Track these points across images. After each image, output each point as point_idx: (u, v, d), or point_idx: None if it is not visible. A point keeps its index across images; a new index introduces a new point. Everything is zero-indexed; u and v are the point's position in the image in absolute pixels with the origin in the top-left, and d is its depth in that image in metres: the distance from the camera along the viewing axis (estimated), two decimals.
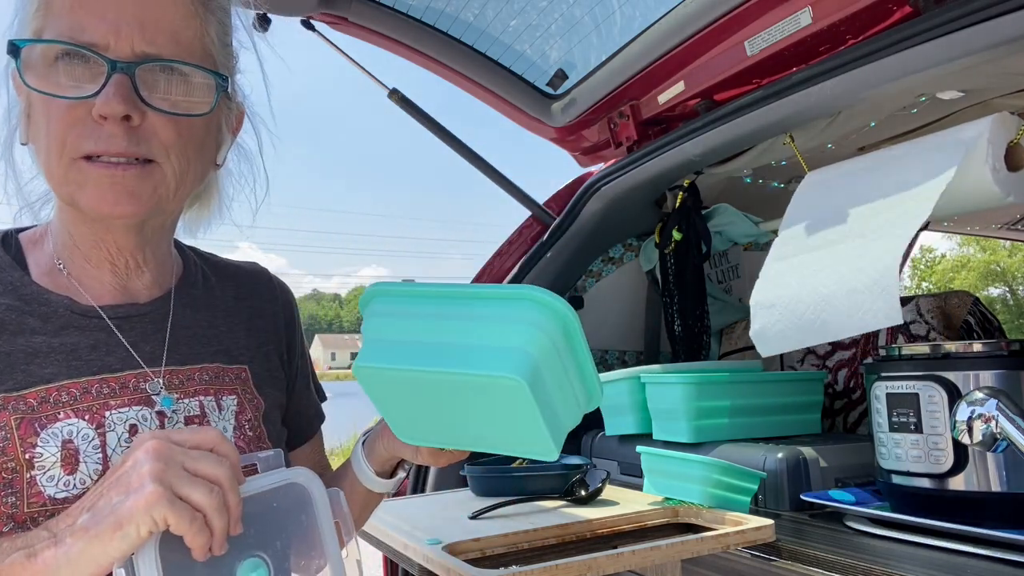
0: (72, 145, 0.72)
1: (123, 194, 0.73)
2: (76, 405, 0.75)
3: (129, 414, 0.78)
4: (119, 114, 0.71)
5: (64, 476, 0.72)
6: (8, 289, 0.76)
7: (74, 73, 0.71)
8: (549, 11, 1.86)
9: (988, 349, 1.14)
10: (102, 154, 0.73)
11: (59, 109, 0.72)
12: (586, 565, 0.98)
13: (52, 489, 0.71)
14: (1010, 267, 25.45)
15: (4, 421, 0.71)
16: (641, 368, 1.78)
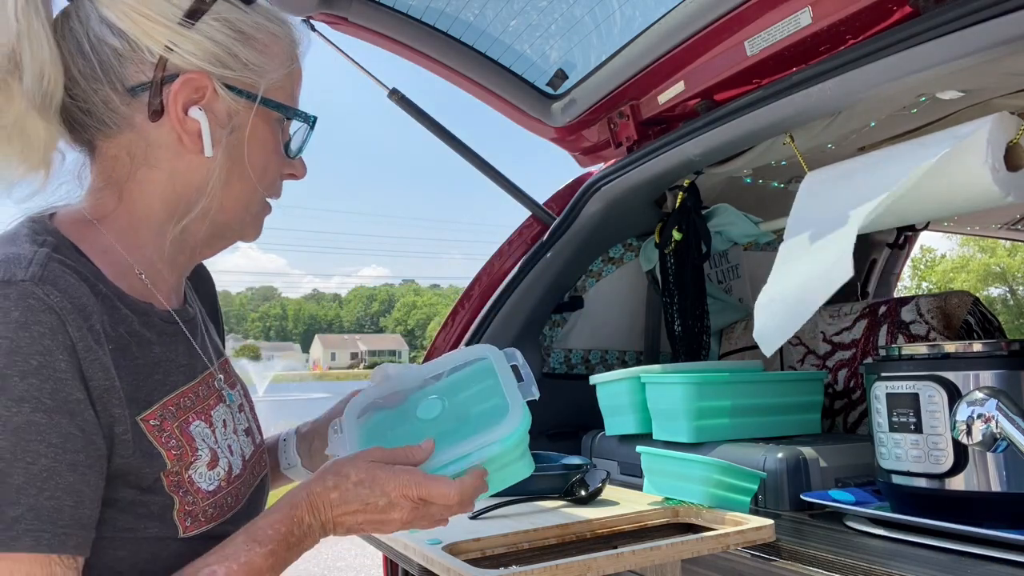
0: (272, 190, 0.89)
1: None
2: (195, 408, 0.83)
3: (220, 410, 0.87)
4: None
5: (208, 472, 0.80)
6: (114, 302, 0.76)
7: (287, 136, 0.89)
8: (549, 11, 1.86)
9: (988, 349, 1.14)
10: (276, 198, 0.92)
11: (279, 160, 0.88)
12: (586, 565, 0.98)
13: (204, 484, 0.80)
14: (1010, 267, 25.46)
15: (170, 430, 0.78)
16: (641, 368, 1.78)
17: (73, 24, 0.78)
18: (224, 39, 0.80)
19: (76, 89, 0.79)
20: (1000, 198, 1.24)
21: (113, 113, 0.79)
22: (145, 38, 0.77)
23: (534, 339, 2.18)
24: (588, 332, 2.30)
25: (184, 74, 0.78)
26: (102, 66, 0.78)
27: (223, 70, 0.80)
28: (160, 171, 0.81)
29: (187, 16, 0.77)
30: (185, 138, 0.80)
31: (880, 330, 1.75)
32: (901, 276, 2.99)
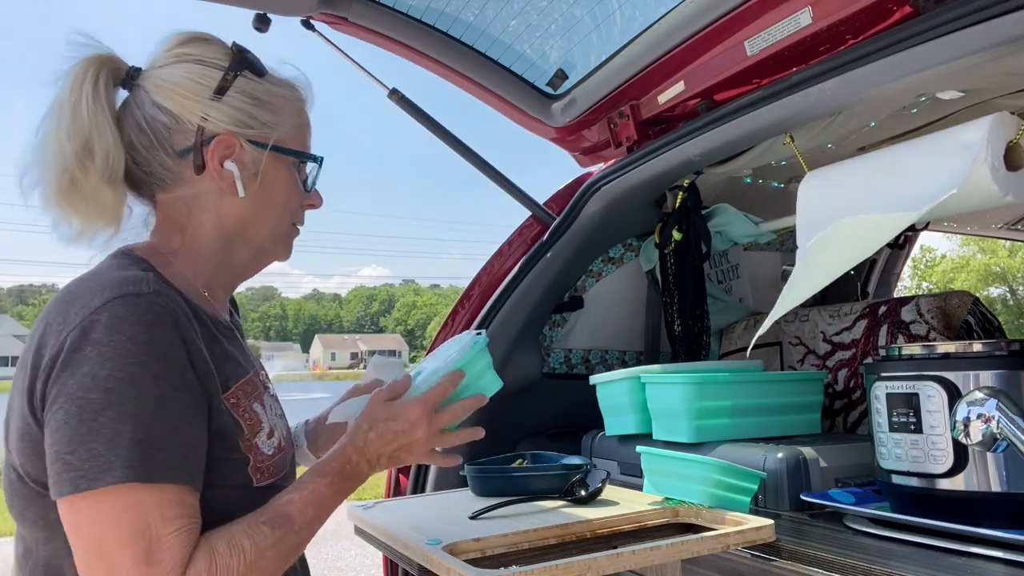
0: (296, 217, 1.12)
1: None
2: (253, 394, 1.04)
3: (266, 398, 1.08)
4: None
5: (267, 440, 1.03)
6: (196, 312, 0.99)
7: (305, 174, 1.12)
8: (549, 11, 1.86)
9: (988, 349, 1.14)
10: (301, 225, 1.15)
11: (299, 194, 1.11)
12: (586, 565, 0.98)
13: (266, 449, 1.02)
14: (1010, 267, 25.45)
15: (243, 406, 1.00)
16: (641, 368, 1.78)
17: (132, 109, 1.01)
18: (244, 106, 1.02)
19: (139, 157, 1.01)
20: (1000, 198, 1.24)
21: (168, 172, 1.02)
22: (186, 113, 1.00)
23: (534, 339, 2.18)
24: (588, 332, 2.30)
25: (217, 136, 1.01)
26: (156, 138, 1.00)
27: (246, 129, 1.03)
28: (209, 212, 1.04)
29: (215, 92, 1.00)
30: (223, 185, 1.03)
31: (880, 330, 1.75)
32: (901, 276, 2.99)
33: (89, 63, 0.98)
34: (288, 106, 1.08)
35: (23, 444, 0.89)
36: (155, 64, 1.02)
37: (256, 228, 1.07)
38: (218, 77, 1.01)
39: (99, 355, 0.84)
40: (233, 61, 1.02)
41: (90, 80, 0.97)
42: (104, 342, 0.84)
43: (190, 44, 1.03)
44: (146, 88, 1.01)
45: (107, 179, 0.97)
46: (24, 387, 0.88)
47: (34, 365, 0.87)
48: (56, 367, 0.85)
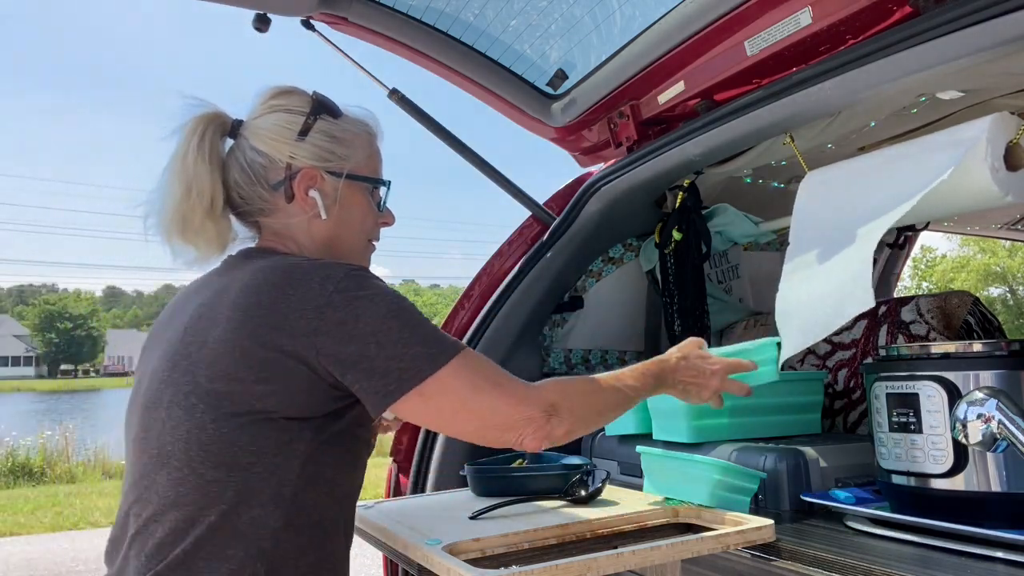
0: (372, 235, 1.29)
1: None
2: None
3: None
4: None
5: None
6: None
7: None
8: (549, 11, 1.86)
9: (988, 349, 1.14)
10: (377, 241, 1.32)
11: (373, 214, 1.28)
12: (586, 565, 0.98)
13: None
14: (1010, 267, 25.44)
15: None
16: None
17: (236, 154, 1.21)
18: (323, 143, 1.21)
19: (243, 192, 1.20)
20: (1000, 198, 1.24)
21: (266, 203, 1.21)
22: (277, 153, 1.19)
23: (534, 339, 2.18)
24: (588, 332, 2.29)
25: (302, 170, 1.19)
26: (255, 175, 1.20)
27: (325, 163, 1.21)
28: (302, 231, 1.22)
29: (299, 134, 1.19)
30: (309, 211, 1.20)
31: (880, 330, 1.75)
32: (901, 276, 2.99)
33: (198, 121, 1.19)
34: (359, 140, 1.25)
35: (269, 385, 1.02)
36: (253, 116, 1.23)
37: (340, 245, 1.24)
38: (301, 122, 1.20)
39: (375, 294, 1.04)
40: (313, 107, 1.21)
41: (197, 135, 1.17)
42: (367, 286, 1.05)
43: (279, 96, 1.23)
44: (246, 136, 1.21)
45: (208, 214, 1.16)
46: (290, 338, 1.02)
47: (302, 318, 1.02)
48: (336, 315, 1.02)
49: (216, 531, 1.00)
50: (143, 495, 1.05)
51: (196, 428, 1.02)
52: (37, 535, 6.43)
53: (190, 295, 1.19)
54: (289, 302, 1.03)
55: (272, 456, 1.03)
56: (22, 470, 9.64)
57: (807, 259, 1.44)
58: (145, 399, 1.10)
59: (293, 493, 1.04)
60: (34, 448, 10.12)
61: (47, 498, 8.04)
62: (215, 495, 1.01)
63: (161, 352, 1.12)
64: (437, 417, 1.07)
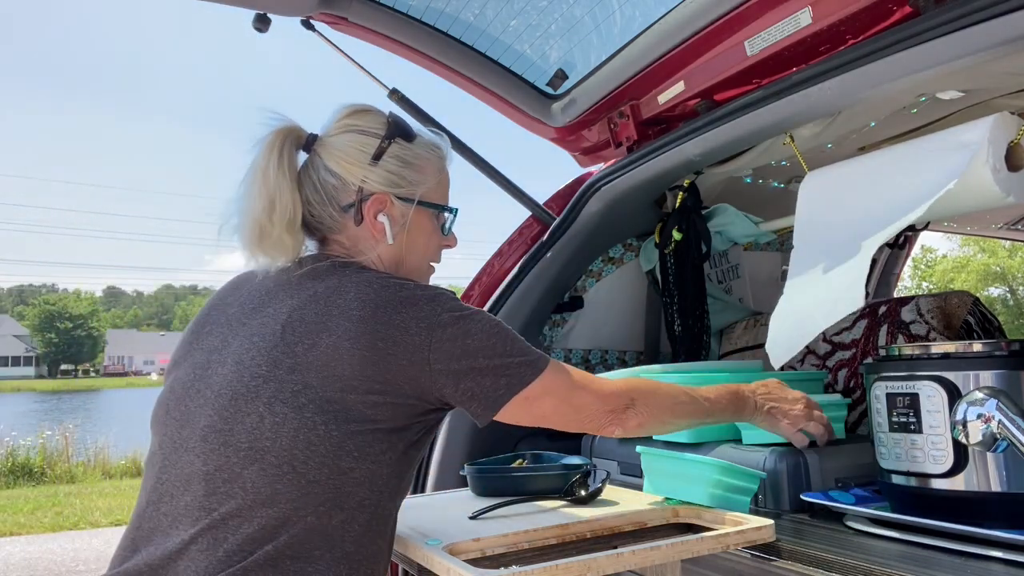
0: (435, 258, 1.34)
1: None
2: None
3: None
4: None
5: None
6: None
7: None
8: (549, 11, 1.86)
9: (988, 349, 1.14)
10: (438, 263, 1.36)
11: (438, 238, 1.32)
12: (586, 565, 0.98)
13: None
14: (1010, 267, 25.44)
15: None
16: (641, 368, 1.78)
17: (310, 171, 1.23)
18: (396, 168, 1.23)
19: (314, 210, 1.22)
20: (1001, 198, 1.24)
21: (335, 222, 1.23)
22: (349, 176, 1.21)
23: (534, 339, 2.18)
24: (588, 332, 2.29)
25: (373, 195, 1.21)
26: (327, 195, 1.22)
27: (396, 188, 1.23)
28: (371, 252, 1.23)
29: (373, 158, 1.21)
30: (377, 234, 1.23)
31: (880, 330, 1.75)
32: (901, 276, 2.99)
33: (277, 135, 1.20)
34: (430, 165, 1.28)
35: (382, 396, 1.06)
36: (328, 133, 1.24)
37: (404, 267, 1.26)
38: (375, 145, 1.22)
39: (477, 315, 1.12)
40: (388, 131, 1.23)
41: (276, 149, 1.19)
42: (471, 308, 1.13)
43: (355, 116, 1.24)
44: (320, 154, 1.22)
45: (287, 228, 1.18)
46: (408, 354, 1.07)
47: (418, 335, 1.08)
48: (447, 333, 1.08)
49: (309, 531, 1.02)
50: (221, 488, 1.02)
51: (305, 428, 1.03)
52: (37, 535, 6.43)
53: (271, 292, 1.18)
54: (405, 319, 1.08)
55: (370, 463, 1.06)
56: (22, 470, 9.64)
57: (806, 267, 1.45)
58: (230, 391, 1.07)
59: (378, 499, 1.08)
60: (34, 448, 10.12)
61: (47, 498, 8.04)
62: (314, 496, 1.02)
63: (248, 345, 1.11)
64: (539, 416, 1.15)
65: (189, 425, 1.09)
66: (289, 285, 1.18)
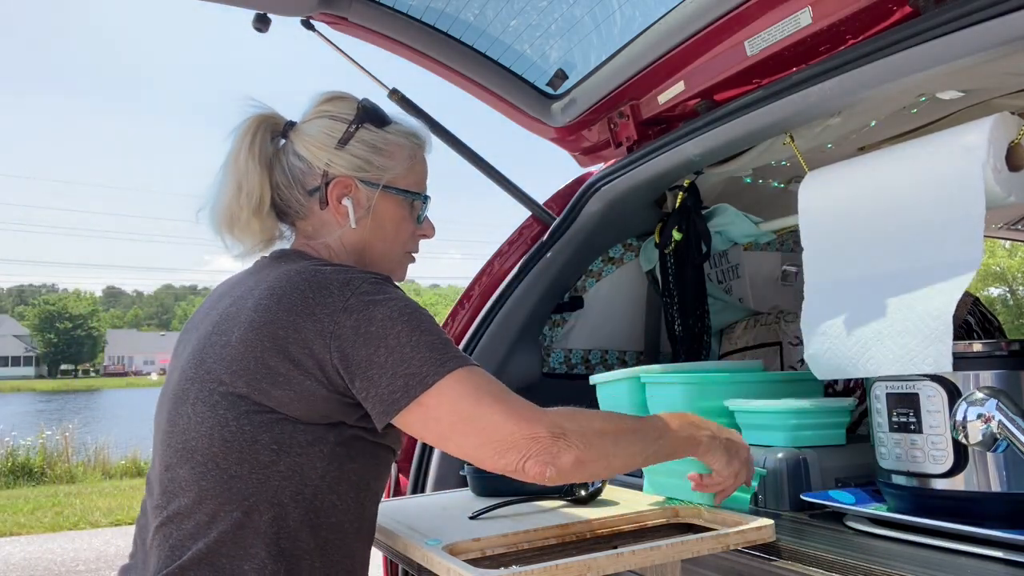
0: (408, 246, 1.31)
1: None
2: None
3: None
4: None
5: None
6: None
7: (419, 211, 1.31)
8: (549, 11, 1.86)
9: (988, 349, 1.14)
10: (415, 252, 1.34)
11: (409, 226, 1.29)
12: (586, 565, 0.98)
13: None
14: (1010, 267, 25.43)
15: None
16: (641, 368, 1.78)
17: (281, 156, 1.24)
18: (362, 153, 1.22)
19: (283, 194, 1.24)
20: (1003, 199, 1.24)
21: (302, 206, 1.24)
22: (315, 160, 1.21)
23: (534, 339, 2.18)
24: (588, 332, 2.29)
25: (337, 179, 1.21)
26: (294, 179, 1.23)
27: (362, 173, 1.22)
28: (332, 237, 1.24)
29: (340, 143, 1.21)
30: (340, 218, 1.22)
31: None
32: None
33: (252, 122, 1.22)
34: (401, 151, 1.26)
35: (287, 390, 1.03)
36: (304, 119, 1.25)
37: (371, 253, 1.26)
38: (343, 129, 1.22)
39: (389, 299, 1.05)
40: (357, 115, 1.23)
41: (249, 135, 1.21)
42: (388, 292, 1.07)
43: (329, 102, 1.25)
44: (292, 140, 1.24)
45: (255, 212, 1.20)
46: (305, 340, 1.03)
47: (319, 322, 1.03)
48: (351, 319, 1.03)
49: (239, 528, 1.02)
50: (168, 487, 1.07)
51: (219, 425, 1.04)
52: (37, 535, 6.43)
53: (223, 293, 1.21)
54: (309, 307, 1.04)
55: (295, 456, 1.04)
56: (22, 470, 9.64)
57: (836, 274, 1.44)
58: (173, 394, 1.12)
59: (314, 494, 1.05)
60: (34, 448, 10.12)
61: (47, 498, 8.04)
62: (237, 491, 1.03)
63: (192, 348, 1.14)
64: (436, 429, 1.02)
65: (158, 430, 1.15)
66: (236, 282, 1.21)
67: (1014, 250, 23.44)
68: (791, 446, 1.43)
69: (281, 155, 1.24)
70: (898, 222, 1.35)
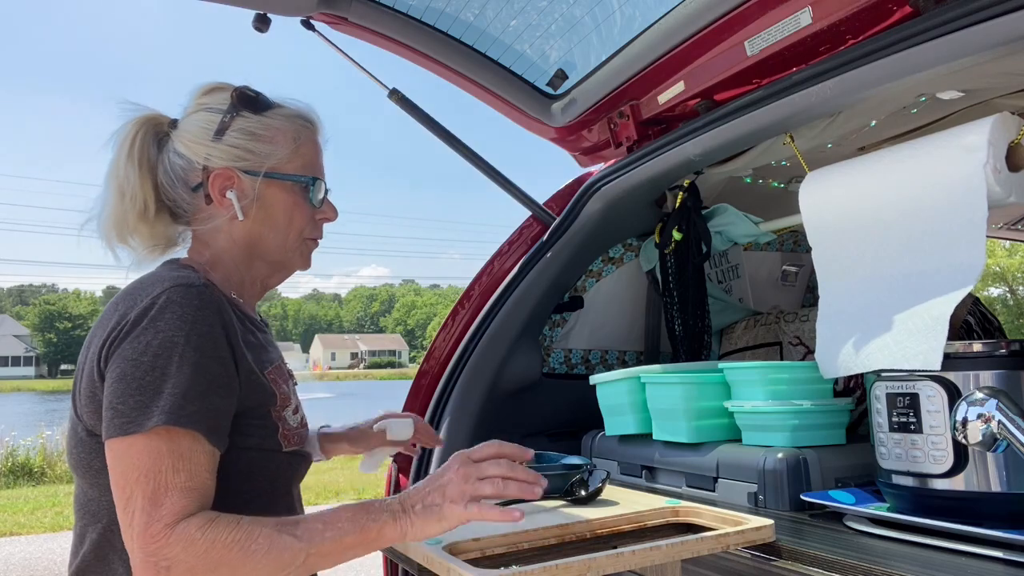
0: (308, 231, 1.26)
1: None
2: (282, 377, 1.20)
3: (291, 383, 1.25)
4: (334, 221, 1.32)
5: (293, 415, 1.19)
6: (233, 308, 1.14)
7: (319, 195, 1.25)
8: (549, 11, 1.86)
9: (988, 349, 1.14)
10: (318, 238, 1.29)
11: (304, 211, 1.24)
12: (586, 565, 0.98)
13: (292, 421, 1.18)
14: (1010, 267, 25.43)
15: (278, 383, 1.17)
16: (641, 368, 1.78)
17: (164, 155, 1.20)
18: (240, 142, 1.18)
19: (169, 194, 1.20)
20: (1003, 199, 1.24)
21: (188, 205, 1.21)
22: (193, 155, 1.18)
23: (534, 339, 2.18)
24: (588, 332, 2.29)
25: (216, 171, 1.18)
26: (176, 178, 1.20)
27: (241, 162, 1.18)
28: (223, 233, 1.21)
29: (216, 134, 1.17)
30: (227, 213, 1.18)
31: None
32: None
33: (131, 126, 1.19)
34: (282, 135, 1.21)
35: (92, 404, 1.04)
36: (184, 115, 1.22)
37: (265, 244, 1.22)
38: (218, 120, 1.18)
39: (153, 328, 1.01)
40: (230, 105, 1.19)
41: (128, 139, 1.18)
42: (158, 318, 1.01)
43: (205, 95, 1.22)
44: (172, 138, 1.20)
45: (141, 216, 1.18)
46: (95, 355, 1.04)
47: (104, 336, 1.04)
48: (119, 336, 1.02)
49: (99, 546, 1.06)
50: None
51: (75, 446, 1.09)
52: (37, 535, 6.43)
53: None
54: (107, 317, 1.06)
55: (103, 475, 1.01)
56: (22, 470, 9.63)
57: (849, 275, 1.45)
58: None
59: (111, 511, 1.01)
60: (34, 448, 10.11)
61: (47, 498, 8.03)
62: (93, 512, 1.08)
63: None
64: (112, 483, 0.98)
65: None
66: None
67: (1014, 250, 23.43)
68: (791, 446, 1.44)
69: (164, 156, 1.21)
70: (901, 224, 1.35)
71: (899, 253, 1.35)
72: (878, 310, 1.34)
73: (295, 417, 1.21)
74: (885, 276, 1.37)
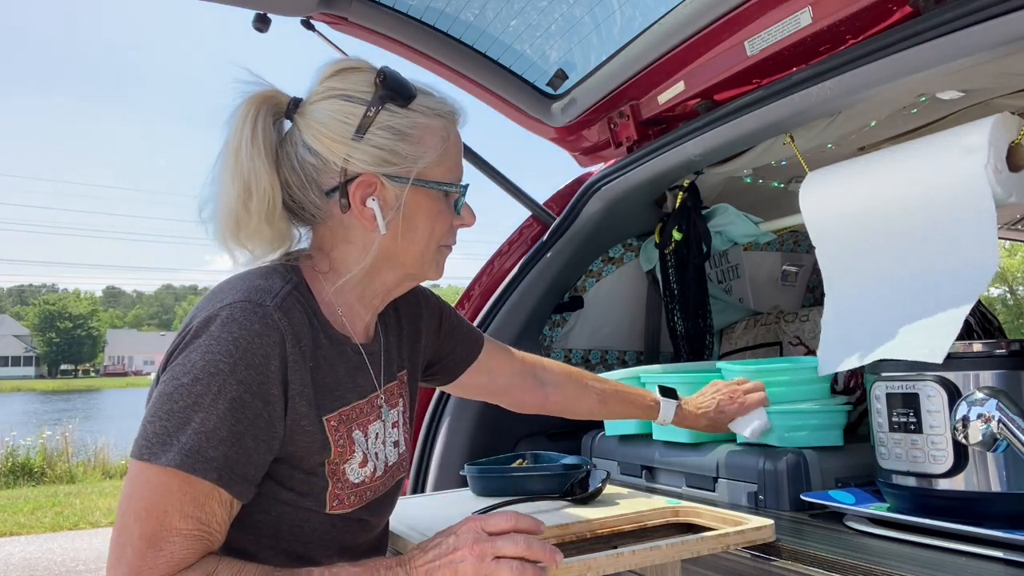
0: (444, 239, 1.11)
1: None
2: (358, 420, 1.07)
3: (375, 425, 1.11)
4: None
5: (358, 469, 1.06)
6: (320, 333, 1.03)
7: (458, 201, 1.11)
8: (549, 11, 1.86)
9: (988, 349, 1.14)
10: (452, 244, 1.14)
11: (445, 219, 1.09)
12: (586, 565, 0.98)
13: (353, 477, 1.05)
14: (1010, 267, 25.43)
15: (341, 431, 1.03)
16: (641, 368, 1.78)
17: (288, 148, 1.05)
18: (385, 142, 1.02)
19: (294, 194, 1.05)
20: (1003, 199, 1.24)
21: (318, 209, 1.05)
22: (330, 155, 1.02)
23: (534, 339, 2.18)
24: (588, 332, 2.29)
25: (359, 177, 1.02)
26: (307, 178, 1.04)
27: (387, 167, 1.03)
28: (354, 245, 1.07)
29: (357, 132, 1.01)
30: (366, 222, 1.04)
31: None
32: None
33: (250, 104, 1.02)
34: (431, 134, 1.05)
35: None
36: (310, 98, 1.05)
37: (402, 257, 1.08)
38: (360, 114, 1.01)
39: (204, 347, 0.92)
40: (376, 95, 1.02)
41: (250, 122, 1.01)
42: (212, 335, 0.92)
43: (338, 77, 1.05)
44: (300, 127, 1.04)
45: (265, 217, 1.02)
46: (163, 360, 0.97)
47: (173, 343, 0.97)
48: (177, 346, 0.95)
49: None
50: None
51: None
52: (37, 535, 6.43)
53: None
54: (181, 329, 0.98)
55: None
56: (22, 470, 9.63)
57: (856, 275, 1.45)
58: None
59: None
60: (34, 448, 10.12)
61: (47, 498, 8.04)
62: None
63: None
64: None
65: None
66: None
67: (1014, 250, 23.42)
68: (791, 446, 1.44)
69: (289, 146, 1.04)
70: (904, 224, 1.35)
71: (905, 253, 1.35)
72: (887, 308, 1.34)
73: (361, 471, 1.06)
74: (893, 276, 1.37)
